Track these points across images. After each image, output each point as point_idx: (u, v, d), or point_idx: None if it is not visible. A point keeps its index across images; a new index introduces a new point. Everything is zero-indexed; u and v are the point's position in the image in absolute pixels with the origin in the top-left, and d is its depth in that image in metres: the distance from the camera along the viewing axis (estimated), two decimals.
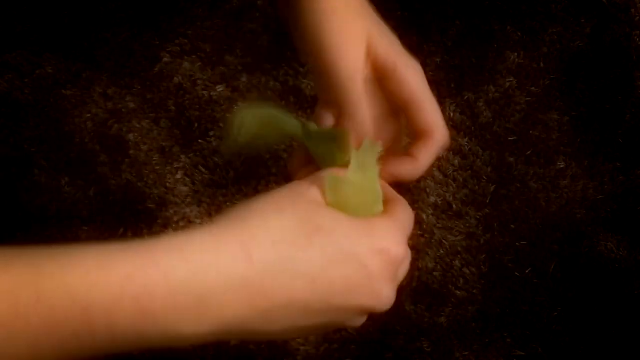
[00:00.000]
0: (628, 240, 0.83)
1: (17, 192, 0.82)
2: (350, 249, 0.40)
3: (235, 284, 0.36)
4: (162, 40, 0.90)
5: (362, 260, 0.40)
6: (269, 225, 0.39)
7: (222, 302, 0.36)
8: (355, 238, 0.40)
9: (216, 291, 0.36)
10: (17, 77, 0.87)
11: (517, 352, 0.79)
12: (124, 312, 0.34)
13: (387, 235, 0.42)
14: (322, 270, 0.39)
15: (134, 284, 0.34)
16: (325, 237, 0.39)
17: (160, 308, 0.34)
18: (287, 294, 0.38)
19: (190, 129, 0.86)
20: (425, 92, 0.48)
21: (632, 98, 0.90)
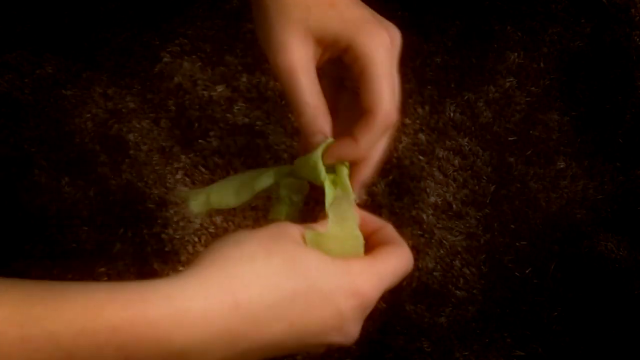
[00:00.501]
0: (628, 240, 0.83)
1: (17, 192, 0.82)
2: (329, 293, 0.41)
3: (219, 331, 0.37)
4: (162, 40, 0.90)
5: (338, 303, 0.41)
6: (258, 272, 0.39)
7: (205, 349, 0.37)
8: (336, 281, 0.41)
9: (201, 341, 0.37)
10: (17, 77, 0.87)
11: (517, 352, 0.79)
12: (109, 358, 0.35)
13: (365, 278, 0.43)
14: (301, 315, 0.40)
15: (120, 335, 0.35)
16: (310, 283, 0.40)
17: (144, 355, 0.35)
18: (266, 337, 0.39)
19: (190, 129, 0.86)
20: (378, 67, 0.45)
21: (632, 98, 0.90)
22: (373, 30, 0.46)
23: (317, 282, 0.40)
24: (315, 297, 0.40)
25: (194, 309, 0.37)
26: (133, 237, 0.81)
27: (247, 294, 0.38)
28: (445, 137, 0.87)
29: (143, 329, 0.35)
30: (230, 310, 0.37)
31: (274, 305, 0.39)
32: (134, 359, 0.35)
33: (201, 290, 0.37)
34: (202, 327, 0.37)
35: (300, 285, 0.40)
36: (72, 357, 0.34)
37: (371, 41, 0.46)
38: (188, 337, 0.36)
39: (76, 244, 0.80)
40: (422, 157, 0.86)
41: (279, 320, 0.39)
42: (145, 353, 0.35)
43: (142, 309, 0.35)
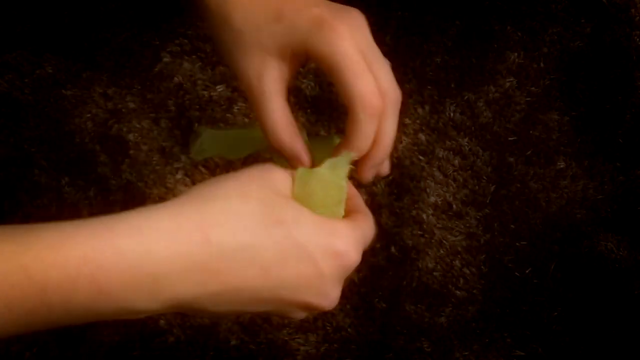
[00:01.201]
0: (628, 240, 0.83)
1: (17, 192, 0.82)
2: (307, 247, 0.40)
3: (189, 265, 0.37)
4: (162, 40, 0.90)
5: (316, 260, 0.40)
6: (230, 211, 0.39)
7: (175, 281, 0.37)
8: (314, 237, 0.41)
9: (171, 271, 0.37)
10: (17, 77, 0.87)
11: (517, 352, 0.79)
12: (80, 291, 0.35)
13: (347, 240, 0.42)
14: (276, 263, 0.39)
15: (90, 264, 0.35)
16: (284, 231, 0.40)
17: (115, 286, 0.36)
18: (239, 280, 0.39)
19: (190, 129, 0.86)
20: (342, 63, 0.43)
21: (632, 98, 0.90)
22: (328, 29, 0.44)
23: (294, 234, 0.40)
24: (292, 249, 0.40)
25: (163, 239, 0.37)
26: None
27: (218, 232, 0.38)
28: (445, 137, 0.87)
29: (113, 258, 0.35)
30: (201, 245, 0.37)
31: (247, 247, 0.38)
32: (107, 289, 0.35)
33: (171, 222, 0.38)
34: (171, 258, 0.37)
35: (275, 232, 0.39)
36: (45, 290, 0.34)
37: (330, 41, 0.44)
38: (157, 267, 0.36)
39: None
40: (422, 157, 0.86)
41: (253, 264, 0.39)
42: (117, 282, 0.35)
43: (110, 239, 0.36)
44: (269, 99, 0.44)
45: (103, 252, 0.35)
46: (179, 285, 0.37)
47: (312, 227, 0.41)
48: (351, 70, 0.44)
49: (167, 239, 0.37)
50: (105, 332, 0.80)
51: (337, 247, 0.41)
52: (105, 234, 0.36)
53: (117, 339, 0.80)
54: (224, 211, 0.39)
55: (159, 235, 0.37)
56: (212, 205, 0.39)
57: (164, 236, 0.37)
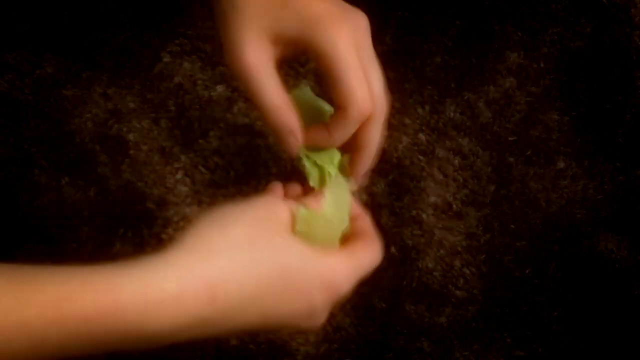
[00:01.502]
0: (628, 240, 0.83)
1: (17, 192, 0.82)
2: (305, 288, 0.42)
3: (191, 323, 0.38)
4: (162, 40, 0.90)
5: (311, 298, 0.42)
6: (237, 263, 0.39)
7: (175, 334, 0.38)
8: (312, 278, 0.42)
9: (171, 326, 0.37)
10: (17, 77, 0.87)
11: (517, 352, 0.79)
12: (78, 346, 0.36)
13: (341, 275, 0.43)
14: (273, 307, 0.41)
15: (90, 323, 0.35)
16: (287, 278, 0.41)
17: (112, 341, 0.36)
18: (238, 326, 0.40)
19: (190, 129, 0.86)
20: (341, 62, 0.44)
21: (632, 98, 0.90)
22: (330, 25, 0.44)
23: (294, 277, 0.41)
24: (291, 291, 0.41)
25: (166, 296, 0.37)
26: (133, 237, 0.81)
27: (224, 287, 0.38)
28: (445, 137, 0.87)
29: (112, 317, 0.36)
30: (206, 300, 0.38)
31: (250, 297, 0.40)
32: (104, 344, 0.36)
33: (177, 277, 0.37)
34: (173, 315, 0.37)
35: (278, 279, 0.41)
36: (43, 346, 0.35)
37: (330, 38, 0.44)
38: (159, 324, 0.37)
39: (76, 244, 0.80)
40: (422, 157, 0.86)
41: (253, 312, 0.40)
42: (114, 339, 0.36)
43: (112, 297, 0.36)
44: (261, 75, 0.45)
45: (104, 313, 0.36)
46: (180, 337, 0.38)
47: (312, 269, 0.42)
48: (350, 73, 0.44)
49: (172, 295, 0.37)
50: None
51: (332, 284, 0.43)
52: (109, 294, 0.36)
53: None
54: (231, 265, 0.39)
55: (163, 291, 0.37)
56: (219, 259, 0.39)
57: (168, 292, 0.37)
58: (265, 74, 0.45)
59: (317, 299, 0.42)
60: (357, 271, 0.45)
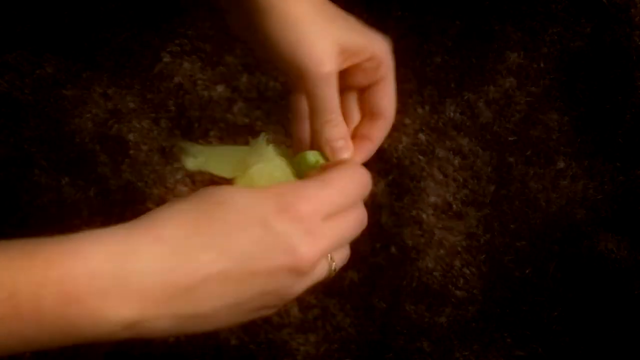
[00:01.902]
0: (628, 240, 0.83)
1: (17, 192, 0.82)
2: (252, 213, 0.39)
3: (150, 264, 0.37)
4: (162, 40, 0.90)
5: (266, 221, 0.39)
6: (172, 212, 0.39)
7: (141, 283, 0.37)
8: (257, 201, 0.40)
9: (134, 272, 0.37)
10: (17, 77, 0.87)
11: (517, 352, 0.79)
12: (49, 295, 0.35)
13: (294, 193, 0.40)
14: (228, 238, 0.39)
15: (56, 268, 0.36)
16: (225, 208, 0.39)
17: (83, 291, 0.36)
18: (201, 267, 0.38)
19: (190, 129, 0.86)
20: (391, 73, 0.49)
21: (632, 98, 0.90)
22: (380, 37, 0.48)
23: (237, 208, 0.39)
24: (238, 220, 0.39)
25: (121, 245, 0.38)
26: None
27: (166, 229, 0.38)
28: (445, 137, 0.87)
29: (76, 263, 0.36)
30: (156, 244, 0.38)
31: (195, 235, 0.38)
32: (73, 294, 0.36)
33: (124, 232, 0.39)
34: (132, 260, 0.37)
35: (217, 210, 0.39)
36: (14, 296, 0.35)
37: (385, 48, 0.48)
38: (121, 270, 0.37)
39: None
40: (422, 157, 0.86)
41: (207, 248, 0.38)
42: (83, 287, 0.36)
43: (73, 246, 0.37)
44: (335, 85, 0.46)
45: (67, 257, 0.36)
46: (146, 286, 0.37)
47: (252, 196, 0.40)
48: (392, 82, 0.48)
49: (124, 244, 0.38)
50: None
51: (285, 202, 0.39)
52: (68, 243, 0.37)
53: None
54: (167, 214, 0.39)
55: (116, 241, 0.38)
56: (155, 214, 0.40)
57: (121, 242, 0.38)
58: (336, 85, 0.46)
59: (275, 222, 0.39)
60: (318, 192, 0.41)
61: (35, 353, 0.79)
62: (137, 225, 0.39)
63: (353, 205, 0.43)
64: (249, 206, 0.40)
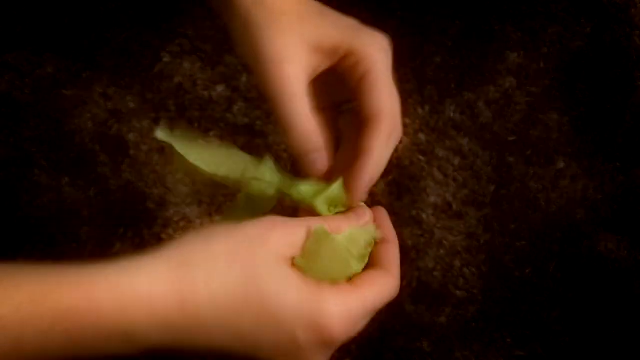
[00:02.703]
0: (628, 240, 0.83)
1: (17, 192, 0.82)
2: (284, 322, 0.39)
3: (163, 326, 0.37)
4: (162, 40, 0.90)
5: (294, 335, 0.39)
6: (212, 276, 0.38)
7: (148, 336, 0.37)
8: (294, 310, 0.39)
9: (143, 329, 0.37)
10: (17, 77, 0.87)
11: (517, 352, 0.79)
12: (55, 343, 0.36)
13: (331, 314, 0.39)
14: (251, 331, 0.39)
15: (65, 320, 0.36)
16: (263, 302, 0.38)
17: (89, 340, 0.36)
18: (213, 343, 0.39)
19: (190, 129, 0.86)
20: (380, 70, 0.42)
21: (632, 98, 0.90)
22: (369, 33, 0.44)
23: (271, 305, 0.38)
24: (268, 320, 0.38)
25: (137, 295, 0.37)
26: (133, 237, 0.81)
27: (195, 300, 0.38)
28: (445, 137, 0.87)
29: (87, 313, 0.36)
30: (174, 306, 0.37)
31: (222, 314, 0.38)
32: (81, 342, 0.36)
33: (147, 280, 0.37)
34: (145, 318, 0.37)
35: (253, 303, 0.38)
36: (20, 342, 0.35)
37: (371, 43, 0.43)
38: (131, 324, 0.37)
39: (76, 243, 0.80)
40: (422, 157, 0.86)
41: (228, 331, 0.38)
42: (90, 336, 0.36)
43: (87, 298, 0.36)
44: (298, 89, 0.42)
45: (79, 309, 0.36)
46: (153, 340, 0.38)
47: (294, 299, 0.39)
48: (387, 83, 0.42)
49: (143, 301, 0.37)
50: None
51: (320, 323, 0.39)
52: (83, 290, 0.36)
53: None
54: (205, 276, 0.38)
55: (135, 295, 0.37)
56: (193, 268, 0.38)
57: (141, 297, 0.37)
58: (300, 87, 0.42)
59: (302, 338, 0.39)
60: (355, 311, 0.41)
61: None
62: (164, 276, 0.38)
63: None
64: (286, 311, 0.39)
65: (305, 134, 0.42)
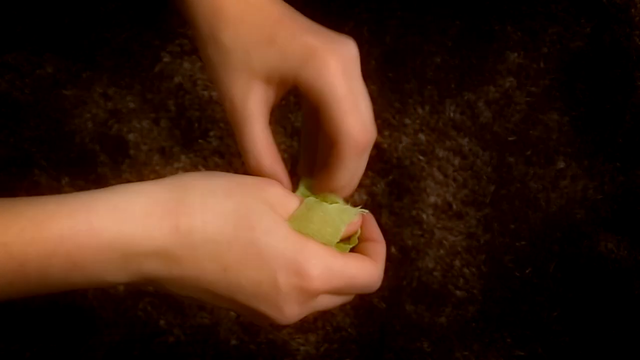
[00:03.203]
0: (628, 240, 0.83)
1: (17, 192, 0.82)
2: (268, 259, 0.40)
3: (155, 249, 0.39)
4: (162, 40, 0.90)
5: (275, 273, 0.40)
6: (207, 205, 0.40)
7: (142, 261, 0.39)
8: (281, 250, 0.40)
9: (139, 252, 0.39)
10: (17, 77, 0.87)
11: (517, 352, 0.79)
12: (57, 266, 0.38)
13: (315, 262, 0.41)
14: (236, 265, 0.40)
15: (67, 242, 0.38)
16: (252, 236, 0.40)
17: (88, 262, 0.38)
18: (197, 270, 0.40)
19: (190, 129, 0.86)
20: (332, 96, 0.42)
21: (632, 98, 0.90)
22: (317, 59, 0.42)
23: (259, 241, 0.40)
24: (254, 255, 0.40)
25: (134, 221, 0.39)
26: None
27: (189, 223, 0.39)
28: (445, 137, 0.87)
29: (86, 238, 0.38)
30: (169, 231, 0.39)
31: (212, 242, 0.39)
32: (81, 264, 0.38)
33: (145, 206, 0.39)
34: (140, 241, 0.39)
35: (242, 236, 0.40)
36: (24, 265, 0.37)
37: (318, 72, 0.42)
38: (128, 247, 0.38)
39: None
40: (422, 157, 0.86)
41: (213, 259, 0.40)
42: (89, 259, 0.38)
43: (86, 219, 0.38)
44: (251, 121, 0.44)
45: (79, 231, 0.38)
46: (145, 264, 0.39)
47: (282, 241, 0.41)
48: (341, 107, 0.42)
49: (138, 222, 0.39)
50: (105, 332, 0.80)
51: (301, 267, 0.40)
52: (83, 213, 0.38)
53: (117, 338, 0.80)
54: (200, 204, 0.40)
55: (131, 217, 0.39)
56: (190, 195, 0.40)
57: (136, 219, 0.39)
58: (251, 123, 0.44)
59: (282, 279, 0.40)
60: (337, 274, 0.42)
61: (37, 353, 0.79)
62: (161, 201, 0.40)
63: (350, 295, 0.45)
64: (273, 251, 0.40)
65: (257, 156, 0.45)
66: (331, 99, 0.42)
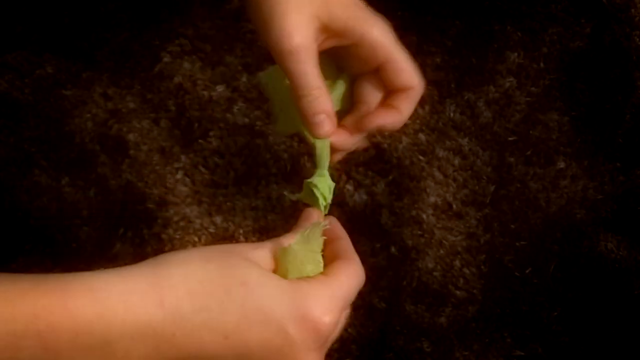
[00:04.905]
0: (628, 240, 0.83)
1: (17, 192, 0.82)
2: (271, 310, 0.37)
3: (142, 330, 0.35)
4: (162, 40, 0.90)
5: (282, 325, 0.38)
6: (188, 274, 0.37)
7: (128, 346, 0.35)
8: (279, 299, 0.38)
9: (123, 335, 0.35)
10: (17, 77, 0.87)
11: (517, 352, 0.79)
12: (28, 348, 0.34)
13: (318, 301, 0.39)
14: (237, 327, 0.37)
15: (39, 323, 0.34)
16: (246, 293, 0.37)
17: (65, 347, 0.34)
18: (195, 345, 0.36)
19: (190, 129, 0.86)
20: (397, 51, 0.50)
21: (632, 98, 0.90)
22: (379, 22, 0.50)
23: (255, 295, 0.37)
24: (253, 311, 0.37)
25: (115, 301, 0.35)
26: (133, 237, 0.81)
27: (173, 294, 0.36)
28: (445, 137, 0.87)
29: (61, 318, 0.34)
30: (155, 307, 0.36)
31: (205, 310, 0.36)
32: (54, 349, 0.34)
33: (125, 284, 0.36)
34: (123, 321, 0.35)
35: (236, 294, 0.37)
36: None
37: (383, 33, 0.50)
38: (109, 330, 0.35)
39: (76, 244, 0.80)
40: (422, 157, 0.86)
41: (211, 330, 0.36)
42: (65, 344, 0.34)
43: (61, 299, 0.35)
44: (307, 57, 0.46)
45: (54, 311, 0.34)
46: (133, 350, 0.35)
47: (277, 288, 0.38)
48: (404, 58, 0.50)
49: (120, 301, 0.35)
50: None
51: (306, 310, 0.38)
52: (58, 292, 0.35)
53: None
54: (181, 274, 0.37)
55: (111, 296, 0.35)
56: (168, 268, 0.37)
57: (116, 298, 0.35)
58: (310, 58, 0.46)
59: (292, 333, 0.38)
60: (335, 295, 0.41)
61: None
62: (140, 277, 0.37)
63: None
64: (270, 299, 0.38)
65: (314, 93, 0.47)
66: (400, 55, 0.50)
